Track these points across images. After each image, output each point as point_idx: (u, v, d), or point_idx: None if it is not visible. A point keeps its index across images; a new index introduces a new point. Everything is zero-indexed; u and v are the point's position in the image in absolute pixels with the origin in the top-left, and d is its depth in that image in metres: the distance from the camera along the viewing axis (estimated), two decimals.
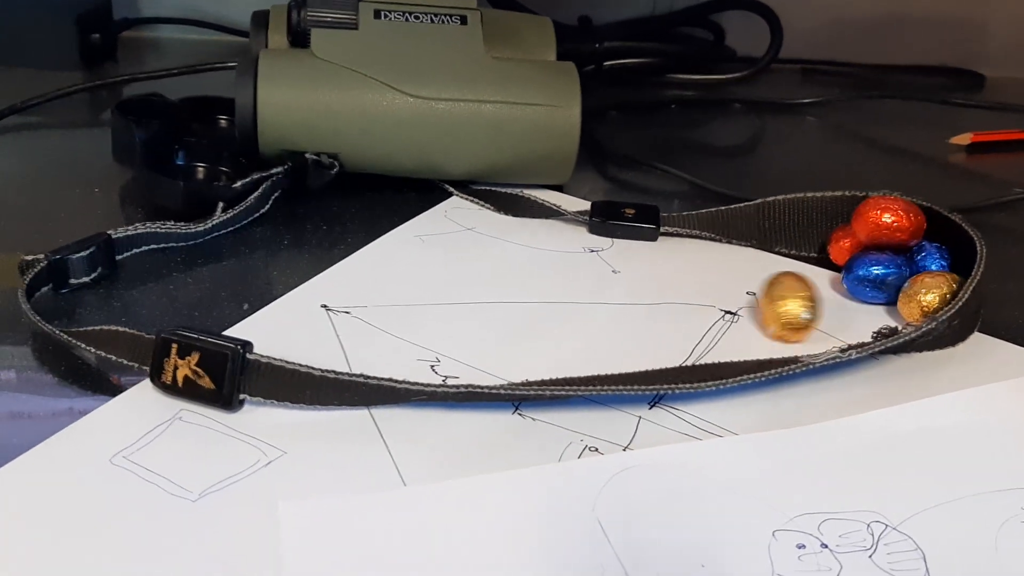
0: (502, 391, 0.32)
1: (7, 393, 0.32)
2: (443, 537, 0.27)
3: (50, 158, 0.51)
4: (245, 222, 0.45)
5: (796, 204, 0.45)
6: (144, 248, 0.41)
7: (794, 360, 0.34)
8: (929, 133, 0.64)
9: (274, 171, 0.45)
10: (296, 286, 0.39)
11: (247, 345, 0.31)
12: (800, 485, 0.30)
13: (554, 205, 0.46)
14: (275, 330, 0.36)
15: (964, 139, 0.61)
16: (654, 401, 0.33)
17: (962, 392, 0.35)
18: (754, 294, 0.41)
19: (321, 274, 0.40)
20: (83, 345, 0.33)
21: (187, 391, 0.31)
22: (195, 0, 0.73)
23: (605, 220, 0.45)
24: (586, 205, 0.47)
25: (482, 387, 0.32)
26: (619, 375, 0.33)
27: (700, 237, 0.46)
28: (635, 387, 0.32)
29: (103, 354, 0.33)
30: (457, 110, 0.46)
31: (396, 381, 0.31)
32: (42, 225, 0.44)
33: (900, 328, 0.36)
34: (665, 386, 0.32)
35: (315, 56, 0.46)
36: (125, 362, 0.32)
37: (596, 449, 0.31)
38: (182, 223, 0.42)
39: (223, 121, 0.53)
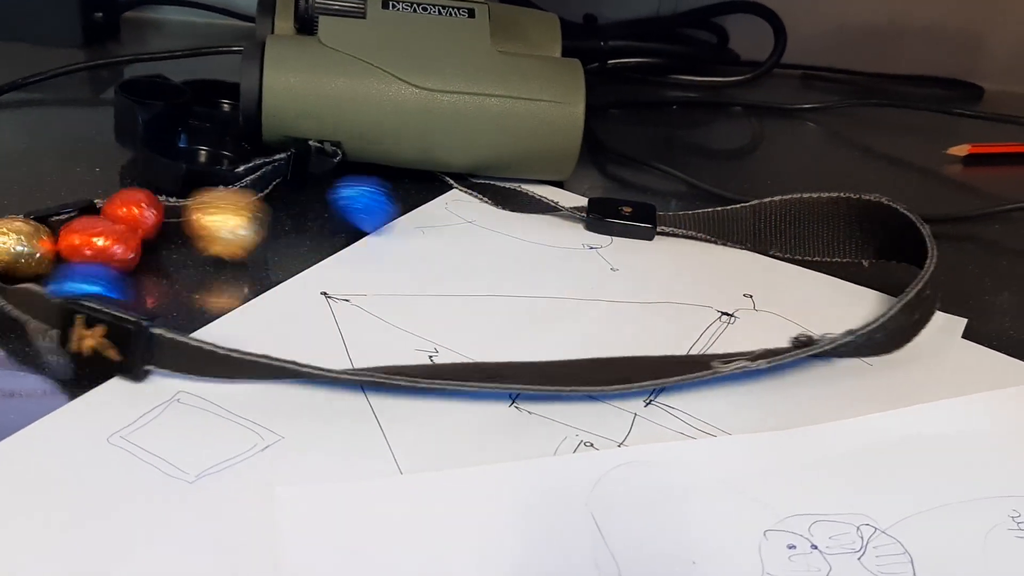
0: (379, 378, 0.32)
1: (3, 370, 0.32)
2: (437, 526, 0.27)
3: (51, 135, 0.51)
4: None
5: (791, 205, 0.45)
6: None
7: (705, 366, 0.34)
8: (926, 143, 0.64)
9: (277, 157, 0.45)
10: (296, 273, 0.39)
11: (153, 319, 0.31)
12: (792, 486, 0.30)
13: (552, 201, 0.47)
14: (275, 316, 0.36)
15: (961, 150, 0.61)
16: (649, 398, 0.34)
17: (953, 400, 0.35)
18: (751, 296, 0.41)
19: (322, 262, 0.41)
20: (5, 302, 0.33)
21: (93, 361, 0.31)
22: None
23: (602, 218, 0.46)
24: (584, 201, 0.47)
25: (382, 375, 0.32)
26: (504, 367, 0.33)
27: (695, 238, 0.46)
28: (530, 386, 0.32)
29: (21, 314, 0.33)
30: (462, 103, 0.46)
31: (299, 364, 0.31)
32: (41, 203, 0.43)
33: (816, 337, 0.35)
34: (567, 388, 0.32)
35: (322, 44, 0.46)
36: (41, 324, 0.32)
37: (591, 444, 0.31)
38: (171, 198, 0.42)
39: (226, 105, 0.52)
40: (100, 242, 0.37)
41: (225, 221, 0.38)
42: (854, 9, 0.76)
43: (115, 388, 0.31)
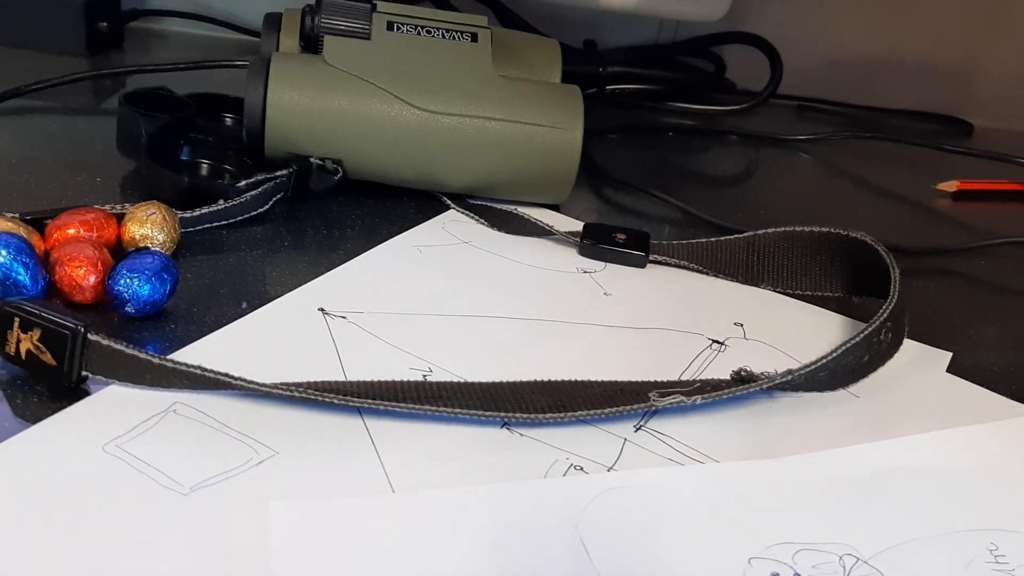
0: (311, 395, 0.32)
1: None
2: (427, 544, 0.27)
3: (52, 143, 0.52)
4: (241, 218, 0.45)
5: (782, 238, 0.46)
6: None
7: (643, 398, 0.34)
8: (917, 177, 0.65)
9: (278, 173, 0.46)
10: (294, 288, 0.40)
11: (88, 326, 0.31)
12: (778, 515, 0.31)
13: (547, 225, 0.47)
14: (272, 330, 0.37)
15: (950, 186, 0.62)
16: (639, 423, 0.34)
17: (936, 433, 0.36)
18: (741, 325, 0.42)
19: (319, 277, 0.41)
20: None
21: (30, 364, 0.31)
22: None
23: (595, 243, 0.46)
24: (579, 226, 0.48)
25: (313, 391, 0.32)
26: (468, 388, 0.34)
27: (687, 268, 0.47)
28: (478, 412, 0.32)
29: None
30: (462, 125, 0.47)
31: (232, 377, 0.31)
32: (43, 209, 0.44)
33: (757, 374, 0.35)
34: (504, 414, 0.32)
35: (326, 63, 0.47)
36: None
37: (581, 468, 0.32)
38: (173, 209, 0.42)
39: (229, 119, 0.53)
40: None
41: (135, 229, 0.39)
42: (849, 43, 0.77)
43: (112, 396, 0.32)
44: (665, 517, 0.30)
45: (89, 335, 0.31)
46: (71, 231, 0.38)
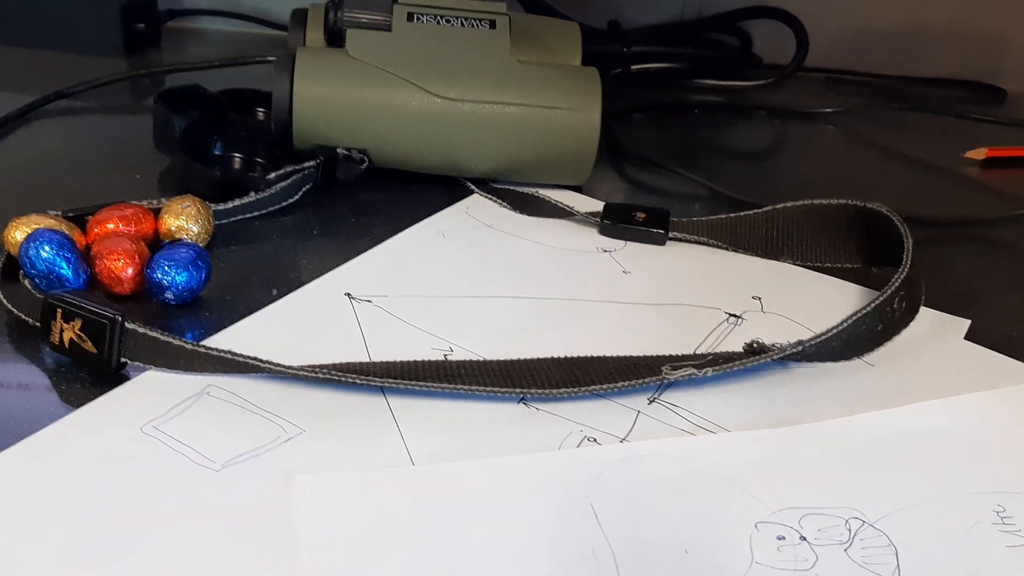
0: (335, 375, 0.33)
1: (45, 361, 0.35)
2: (446, 514, 0.29)
3: (94, 142, 0.54)
4: (272, 208, 0.47)
5: (801, 212, 0.46)
6: None
7: (656, 372, 0.35)
8: (946, 146, 0.65)
9: (306, 164, 0.48)
10: (323, 274, 0.42)
11: (125, 315, 0.33)
12: (785, 481, 0.32)
13: (567, 206, 0.48)
14: (300, 315, 0.38)
15: (979, 154, 0.62)
16: (653, 396, 0.35)
17: (949, 399, 0.36)
18: (759, 299, 0.43)
19: (346, 263, 0.43)
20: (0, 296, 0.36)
21: (72, 352, 0.34)
22: None
23: (615, 223, 0.47)
24: (600, 206, 0.49)
25: (337, 372, 0.33)
26: (478, 366, 0.35)
27: (707, 244, 0.47)
28: (496, 388, 0.34)
29: (9, 306, 0.36)
30: (481, 111, 0.48)
31: (260, 360, 0.33)
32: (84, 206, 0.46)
33: (769, 345, 0.36)
34: (520, 390, 0.34)
35: (349, 55, 0.48)
36: (23, 316, 0.35)
37: (595, 440, 0.33)
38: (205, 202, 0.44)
39: (260, 113, 0.55)
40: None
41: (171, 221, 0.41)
42: (876, 12, 0.77)
43: (149, 381, 0.33)
44: (675, 485, 0.31)
45: (126, 324, 0.33)
46: (110, 226, 0.40)
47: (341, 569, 0.27)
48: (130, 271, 0.38)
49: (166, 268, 0.37)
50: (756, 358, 0.36)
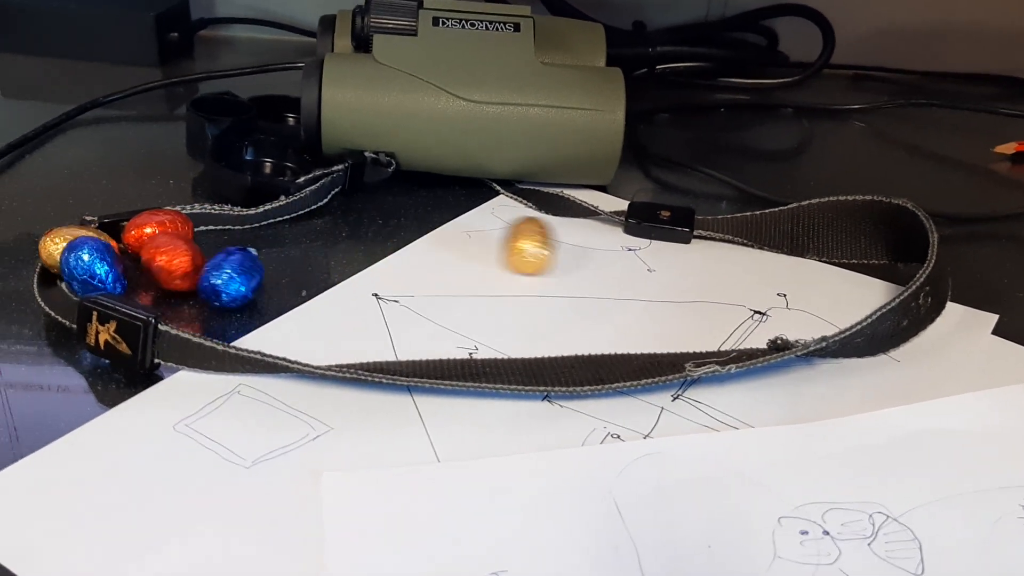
0: (362, 375, 0.34)
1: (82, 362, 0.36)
2: (471, 511, 0.29)
3: (129, 149, 0.55)
4: (301, 212, 0.48)
5: (826, 208, 0.46)
6: (200, 228, 0.45)
7: (679, 369, 0.35)
8: (974, 141, 0.64)
9: (335, 168, 0.48)
10: (351, 275, 0.42)
11: (159, 317, 0.34)
12: (808, 476, 0.32)
13: (592, 205, 0.49)
14: (329, 315, 0.39)
15: (1008, 148, 0.61)
16: (677, 393, 0.36)
17: (973, 394, 0.36)
18: (784, 295, 0.43)
19: (374, 265, 0.43)
20: (39, 300, 0.37)
21: (108, 353, 0.34)
22: (266, 1, 0.77)
23: (640, 221, 0.47)
24: (625, 205, 0.49)
25: (364, 371, 0.34)
26: (500, 365, 0.36)
27: (732, 242, 0.47)
28: (520, 387, 0.34)
29: (47, 309, 0.37)
30: (506, 113, 0.49)
31: (288, 360, 0.34)
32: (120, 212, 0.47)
33: (793, 341, 0.36)
34: (545, 388, 0.34)
35: (376, 61, 0.49)
36: (60, 319, 0.36)
37: (618, 436, 0.33)
38: (237, 207, 0.45)
39: (291, 119, 0.56)
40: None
41: (526, 246, 0.43)
42: (902, 8, 0.76)
43: (181, 381, 0.34)
44: (697, 481, 0.31)
45: (160, 326, 0.34)
46: (148, 230, 0.41)
47: (368, 564, 0.27)
48: (188, 269, 0.39)
49: (226, 274, 0.38)
50: (780, 354, 0.36)
